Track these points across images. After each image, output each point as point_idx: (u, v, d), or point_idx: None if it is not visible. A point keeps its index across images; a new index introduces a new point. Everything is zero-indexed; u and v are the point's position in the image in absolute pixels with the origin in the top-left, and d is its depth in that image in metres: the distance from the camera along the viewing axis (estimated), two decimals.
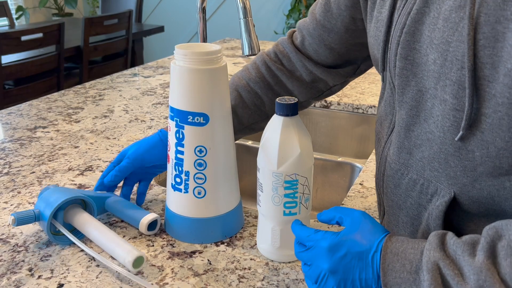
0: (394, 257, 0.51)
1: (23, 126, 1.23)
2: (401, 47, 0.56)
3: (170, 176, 0.74)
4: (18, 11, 4.27)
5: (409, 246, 0.51)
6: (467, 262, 0.46)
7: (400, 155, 0.61)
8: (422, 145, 0.57)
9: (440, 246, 0.49)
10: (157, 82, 1.65)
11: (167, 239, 0.76)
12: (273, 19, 4.54)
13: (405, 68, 0.57)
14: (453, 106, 0.51)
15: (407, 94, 0.58)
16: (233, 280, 0.67)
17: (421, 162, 0.58)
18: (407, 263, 0.50)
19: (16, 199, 0.88)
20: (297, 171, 0.65)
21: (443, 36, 0.51)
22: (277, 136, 0.65)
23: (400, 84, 0.58)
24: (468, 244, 0.47)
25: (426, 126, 0.56)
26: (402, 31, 0.56)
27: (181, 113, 0.69)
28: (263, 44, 2.27)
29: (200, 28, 1.18)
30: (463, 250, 0.47)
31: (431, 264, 0.48)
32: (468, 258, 0.46)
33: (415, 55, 0.55)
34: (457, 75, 0.49)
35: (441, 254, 0.48)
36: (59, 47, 2.73)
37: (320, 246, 0.55)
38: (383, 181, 0.66)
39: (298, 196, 0.67)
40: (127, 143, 1.13)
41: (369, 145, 1.43)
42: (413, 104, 0.57)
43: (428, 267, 0.48)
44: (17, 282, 0.66)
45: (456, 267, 0.47)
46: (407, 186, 0.61)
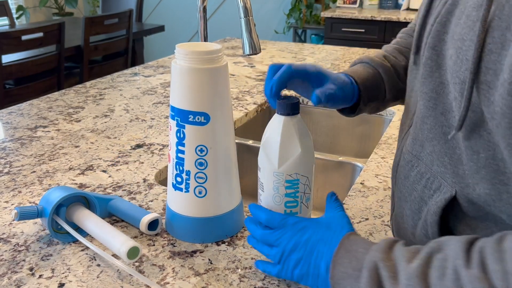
0: (345, 253, 0.55)
1: (24, 126, 1.23)
2: (431, 36, 0.55)
3: (171, 176, 0.74)
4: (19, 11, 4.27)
5: (361, 246, 0.55)
6: (403, 267, 0.49)
7: (413, 146, 0.61)
8: (434, 139, 0.56)
9: (385, 249, 0.52)
10: (157, 82, 1.64)
11: (168, 239, 0.76)
12: (274, 19, 4.54)
13: (431, 58, 0.55)
14: (460, 104, 0.50)
15: (428, 85, 0.56)
16: (234, 279, 0.67)
17: (430, 156, 0.57)
18: (354, 260, 0.54)
19: (16, 199, 0.88)
20: (298, 170, 0.65)
21: (461, 33, 0.50)
22: (278, 135, 0.65)
23: (424, 73, 0.57)
24: (410, 252, 0.50)
25: (443, 120, 0.55)
26: (435, 20, 0.55)
27: (182, 113, 0.69)
28: (264, 43, 2.27)
29: (201, 28, 1.18)
30: (403, 255, 0.50)
31: (371, 263, 0.51)
32: (404, 264, 0.49)
33: (443, 46, 0.54)
34: (464, 75, 0.49)
35: (383, 256, 0.51)
36: (59, 46, 2.73)
37: (289, 226, 0.61)
38: (397, 171, 0.66)
39: (299, 195, 0.67)
40: (128, 142, 1.13)
41: (370, 145, 1.43)
42: (432, 95, 0.56)
43: (368, 266, 0.51)
44: (18, 281, 0.66)
45: (393, 270, 0.49)
46: (414, 178, 0.61)
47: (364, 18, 3.52)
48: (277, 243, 0.62)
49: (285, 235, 0.61)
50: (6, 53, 2.47)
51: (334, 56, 2.01)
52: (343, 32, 3.64)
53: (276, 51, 2.10)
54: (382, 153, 1.08)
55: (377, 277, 0.50)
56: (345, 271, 0.54)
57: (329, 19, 3.65)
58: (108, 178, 0.96)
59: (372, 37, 3.55)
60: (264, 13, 4.53)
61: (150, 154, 1.07)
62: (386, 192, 0.91)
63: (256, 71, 1.79)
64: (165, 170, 1.01)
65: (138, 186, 0.93)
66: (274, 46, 2.21)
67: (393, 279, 0.49)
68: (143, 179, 0.95)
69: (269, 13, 4.53)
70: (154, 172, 0.99)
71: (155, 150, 1.09)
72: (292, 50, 2.13)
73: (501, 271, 0.42)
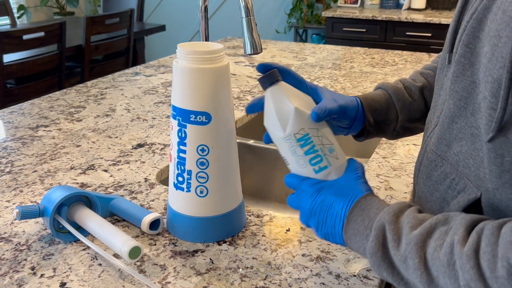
0: (360, 211, 0.57)
1: (25, 125, 1.23)
2: (466, 33, 0.53)
3: (172, 175, 0.74)
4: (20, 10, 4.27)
5: (375, 206, 0.56)
6: (406, 232, 0.51)
7: (439, 146, 0.60)
8: (464, 139, 0.55)
9: (395, 213, 0.53)
10: (158, 81, 1.65)
11: (169, 238, 0.76)
12: (275, 18, 4.54)
13: (464, 56, 0.54)
14: (490, 105, 0.48)
15: (460, 83, 0.55)
16: (235, 279, 0.67)
17: (457, 157, 0.56)
18: (366, 218, 0.56)
19: (18, 198, 0.88)
20: (303, 125, 0.64)
21: (497, 29, 0.48)
22: (271, 106, 0.64)
23: (455, 72, 0.55)
24: (418, 219, 0.52)
25: (472, 121, 0.53)
26: (472, 17, 0.53)
27: (183, 112, 0.69)
28: (265, 43, 2.27)
29: (202, 27, 1.18)
30: (409, 221, 0.52)
31: (379, 223, 0.53)
32: (408, 230, 0.51)
33: (477, 44, 0.52)
34: (498, 73, 0.47)
35: (391, 219, 0.53)
36: (60, 46, 2.73)
37: (304, 190, 0.63)
38: (419, 171, 0.66)
39: (318, 148, 0.64)
40: (129, 142, 1.13)
41: (371, 144, 1.43)
42: (463, 95, 0.54)
43: (376, 225, 0.53)
44: (19, 280, 0.66)
45: (397, 233, 0.51)
46: (437, 178, 0.60)
47: (365, 17, 3.52)
48: (300, 208, 0.63)
49: (303, 199, 0.62)
50: (7, 53, 2.47)
51: (335, 56, 2.00)
52: (344, 32, 3.64)
53: (277, 51, 2.10)
54: (383, 153, 1.08)
55: (383, 238, 0.52)
56: (357, 228, 0.56)
57: (330, 19, 3.65)
58: (110, 177, 0.96)
59: (373, 37, 3.55)
60: (265, 12, 4.53)
61: (151, 153, 1.07)
62: (387, 192, 0.91)
63: None
64: (167, 169, 1.01)
65: (140, 185, 0.93)
66: (275, 46, 2.21)
67: (395, 241, 0.51)
68: (145, 179, 0.95)
69: (270, 12, 4.53)
70: (155, 171, 0.99)
71: (156, 150, 1.09)
72: (293, 50, 2.13)
73: (491, 253, 0.43)
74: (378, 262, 0.53)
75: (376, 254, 0.53)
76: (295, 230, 0.79)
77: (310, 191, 0.62)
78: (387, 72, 1.74)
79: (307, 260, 0.71)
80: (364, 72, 1.73)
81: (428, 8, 3.75)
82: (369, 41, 3.55)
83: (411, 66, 1.82)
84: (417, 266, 0.49)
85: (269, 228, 0.79)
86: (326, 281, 0.66)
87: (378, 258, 0.53)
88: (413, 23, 3.39)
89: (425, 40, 3.38)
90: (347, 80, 1.63)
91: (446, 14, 3.52)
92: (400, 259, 0.51)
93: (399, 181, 0.95)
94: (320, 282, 0.66)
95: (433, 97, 0.68)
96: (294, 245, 0.75)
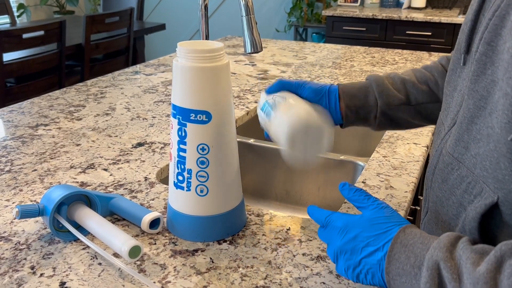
0: (402, 248, 0.51)
1: (25, 124, 1.23)
2: (488, 31, 0.52)
3: (172, 174, 0.74)
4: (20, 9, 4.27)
5: (419, 241, 0.50)
6: (468, 269, 0.45)
7: (456, 148, 0.57)
8: (481, 140, 0.52)
9: (447, 247, 0.48)
10: (158, 80, 1.64)
11: (169, 237, 0.76)
12: (275, 17, 4.53)
13: (486, 54, 0.52)
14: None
15: (480, 83, 0.52)
16: (236, 278, 0.66)
17: (474, 159, 0.53)
18: (412, 256, 0.49)
19: (18, 197, 0.88)
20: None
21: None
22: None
23: (476, 71, 0.53)
24: (477, 253, 0.46)
25: (489, 120, 0.51)
26: (494, 14, 0.51)
27: (183, 111, 0.69)
28: (265, 42, 2.26)
29: (202, 26, 1.17)
30: (468, 257, 0.46)
31: (432, 262, 0.47)
32: (470, 266, 0.45)
33: (499, 41, 0.50)
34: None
35: (446, 255, 0.47)
36: (60, 45, 2.73)
37: (333, 225, 0.58)
38: (433, 175, 0.63)
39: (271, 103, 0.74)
40: (129, 141, 1.13)
41: (371, 143, 1.42)
42: (483, 94, 0.52)
43: (428, 265, 0.47)
44: (19, 280, 0.66)
45: (456, 272, 0.46)
46: (454, 182, 0.57)
47: (365, 16, 3.52)
48: (328, 242, 0.59)
49: (332, 235, 0.58)
50: (7, 52, 2.47)
51: (335, 55, 2.00)
52: (344, 31, 3.63)
53: (277, 50, 2.10)
54: (384, 151, 1.08)
55: (439, 278, 0.47)
56: (402, 267, 0.50)
57: (330, 18, 3.65)
58: (110, 176, 0.96)
59: (373, 36, 3.55)
60: (265, 11, 4.53)
61: (151, 152, 1.07)
62: (387, 191, 0.91)
63: (257, 69, 1.78)
64: (167, 168, 1.01)
65: (140, 184, 0.93)
66: (275, 45, 2.21)
67: (456, 281, 0.45)
68: (145, 178, 0.95)
69: (270, 11, 4.53)
70: (155, 170, 0.98)
71: (156, 149, 1.09)
72: (293, 49, 2.12)
73: None
74: None
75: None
76: (295, 229, 0.78)
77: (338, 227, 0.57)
78: (387, 71, 1.74)
79: (308, 259, 0.71)
80: (364, 71, 1.73)
81: (428, 7, 3.74)
82: (369, 40, 3.55)
83: (411, 65, 1.81)
84: None
85: (270, 227, 0.79)
86: (327, 281, 0.66)
87: None
88: (413, 22, 3.38)
89: (425, 39, 3.38)
90: (347, 79, 1.63)
91: (446, 13, 3.51)
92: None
93: (400, 180, 0.95)
94: (320, 282, 0.66)
95: (444, 99, 0.67)
96: (294, 244, 0.74)
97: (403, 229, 0.53)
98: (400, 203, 0.86)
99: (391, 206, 0.80)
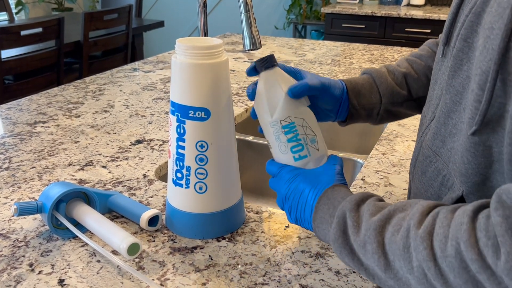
0: (326, 200, 0.59)
1: (23, 121, 1.23)
2: (465, 27, 0.52)
3: (171, 171, 0.73)
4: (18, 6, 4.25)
5: (339, 195, 0.59)
6: (365, 219, 0.53)
7: (434, 142, 0.59)
8: (456, 134, 0.54)
9: (356, 201, 0.56)
10: (157, 77, 1.64)
11: (168, 235, 0.76)
12: (274, 14, 4.53)
13: (462, 50, 0.53)
14: (477, 97, 0.48)
15: (457, 78, 0.54)
16: (235, 275, 0.66)
17: (449, 153, 0.56)
18: (331, 207, 0.58)
19: (16, 194, 0.87)
20: (290, 113, 0.66)
21: (491, 21, 0.47)
22: (262, 90, 0.66)
23: (453, 66, 0.54)
24: (377, 207, 0.54)
25: (463, 115, 0.53)
26: (470, 11, 0.52)
27: (182, 108, 0.69)
28: (264, 39, 2.26)
29: (201, 23, 1.17)
30: (369, 209, 0.54)
31: (341, 212, 0.55)
32: (368, 216, 0.53)
33: (474, 38, 0.51)
34: (487, 65, 0.46)
35: (353, 207, 0.55)
36: (58, 42, 2.72)
37: (281, 176, 0.65)
38: (414, 167, 0.66)
39: (301, 138, 0.67)
40: (127, 138, 1.13)
41: (370, 141, 1.42)
42: (459, 90, 0.54)
43: (338, 214, 0.56)
44: (17, 277, 0.66)
45: (357, 221, 0.54)
46: (431, 175, 0.60)
47: (365, 13, 3.51)
48: (277, 190, 0.66)
49: (280, 183, 0.65)
50: (5, 48, 2.46)
51: (335, 52, 2.00)
52: (344, 28, 3.63)
53: (276, 47, 2.10)
54: (383, 149, 1.08)
55: (344, 225, 0.55)
56: (323, 216, 0.58)
57: (329, 15, 3.64)
58: (108, 173, 0.95)
59: (372, 33, 3.54)
60: (264, 8, 4.52)
61: (150, 149, 1.07)
62: (386, 189, 0.91)
63: None
64: (165, 165, 1.01)
65: (138, 182, 0.92)
66: (274, 42, 2.20)
67: (355, 228, 0.53)
68: (143, 175, 0.95)
69: (269, 8, 4.52)
70: (154, 167, 0.98)
71: (155, 146, 1.09)
72: (292, 46, 2.12)
73: (442, 234, 0.45)
74: (340, 248, 0.55)
75: (338, 241, 0.55)
76: (294, 227, 0.78)
77: (287, 177, 0.64)
78: None
79: (307, 256, 0.71)
80: (364, 68, 1.73)
81: (427, 4, 3.74)
82: (368, 37, 3.54)
83: None
84: (375, 251, 0.50)
85: (268, 225, 0.79)
86: (326, 278, 0.66)
87: (340, 244, 0.55)
88: (412, 19, 3.38)
89: (424, 36, 3.37)
90: (347, 76, 1.63)
91: (445, 10, 3.51)
92: (360, 245, 0.52)
93: (399, 178, 0.95)
94: (319, 279, 0.66)
95: (428, 92, 0.68)
96: (293, 242, 0.74)
97: (333, 186, 0.61)
98: (399, 200, 0.86)
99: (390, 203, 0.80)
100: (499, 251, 0.40)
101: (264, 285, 0.65)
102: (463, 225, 0.43)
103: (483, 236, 0.41)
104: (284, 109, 0.65)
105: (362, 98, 0.76)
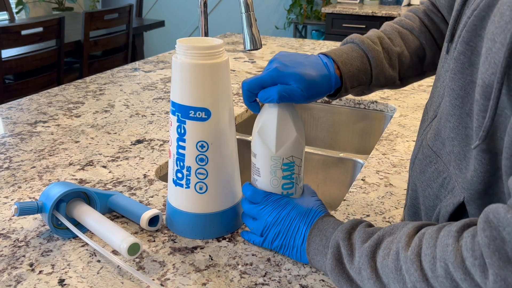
0: (318, 232, 0.62)
1: (24, 121, 1.23)
2: (467, 30, 0.50)
3: (172, 171, 0.73)
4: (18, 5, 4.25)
5: (330, 226, 0.61)
6: (358, 246, 0.55)
7: (435, 142, 0.59)
8: (455, 139, 0.54)
9: (347, 230, 0.58)
10: (157, 77, 1.64)
11: (169, 235, 0.76)
12: (274, 14, 4.53)
13: (464, 53, 0.51)
14: (482, 108, 0.47)
15: (458, 82, 0.52)
16: (235, 276, 0.66)
17: (449, 156, 0.56)
18: (324, 238, 0.60)
19: (16, 194, 0.87)
20: (294, 153, 0.68)
21: (493, 33, 0.45)
22: (274, 121, 0.67)
23: (454, 69, 0.53)
24: (368, 233, 0.56)
25: (468, 121, 0.52)
26: (473, 13, 0.50)
27: (182, 108, 0.69)
28: (264, 39, 2.26)
29: (201, 23, 1.17)
30: (360, 236, 0.56)
31: (335, 242, 0.58)
32: (360, 243, 0.55)
33: (478, 42, 0.49)
34: (490, 79, 0.45)
35: (345, 236, 0.57)
36: (59, 41, 2.72)
37: (270, 201, 0.67)
38: (413, 164, 0.66)
39: (294, 177, 0.70)
40: (128, 138, 1.13)
41: (371, 141, 1.42)
42: (460, 93, 0.52)
43: (332, 244, 0.58)
44: (17, 277, 0.66)
45: (351, 249, 0.56)
46: (431, 175, 0.60)
47: (365, 13, 3.51)
48: (259, 217, 0.68)
49: (266, 209, 0.67)
50: (5, 48, 2.46)
51: None
52: (344, 28, 3.63)
53: (277, 47, 2.10)
54: (383, 149, 1.08)
55: (338, 255, 0.57)
56: (317, 247, 0.61)
57: (329, 15, 3.64)
58: (108, 173, 0.95)
59: None
60: (265, 8, 4.52)
61: (150, 149, 1.07)
62: (387, 189, 0.91)
63: (257, 66, 1.78)
64: (166, 165, 1.01)
65: (139, 181, 0.92)
66: (275, 42, 2.20)
67: (349, 256, 0.56)
68: (144, 175, 0.95)
69: (269, 8, 4.52)
70: (154, 167, 0.98)
71: (155, 146, 1.09)
72: (292, 46, 2.12)
73: (430, 255, 0.46)
74: (338, 277, 0.57)
75: (335, 270, 0.57)
76: None
77: (275, 205, 0.67)
78: None
79: None
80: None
81: None
82: None
83: None
84: (370, 276, 0.52)
85: None
86: (326, 278, 0.66)
87: (337, 273, 0.57)
88: None
89: None
90: None
91: None
92: (356, 272, 0.55)
93: (399, 178, 0.95)
94: (319, 279, 0.66)
95: (432, 88, 0.67)
96: None
97: (322, 216, 0.64)
98: (399, 201, 0.86)
99: (390, 203, 0.80)
100: (486, 271, 0.40)
101: (264, 285, 0.65)
102: (448, 246, 0.44)
103: (470, 256, 0.42)
104: (291, 148, 0.68)
105: (354, 80, 0.72)
